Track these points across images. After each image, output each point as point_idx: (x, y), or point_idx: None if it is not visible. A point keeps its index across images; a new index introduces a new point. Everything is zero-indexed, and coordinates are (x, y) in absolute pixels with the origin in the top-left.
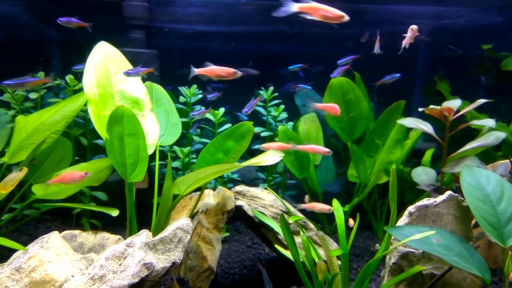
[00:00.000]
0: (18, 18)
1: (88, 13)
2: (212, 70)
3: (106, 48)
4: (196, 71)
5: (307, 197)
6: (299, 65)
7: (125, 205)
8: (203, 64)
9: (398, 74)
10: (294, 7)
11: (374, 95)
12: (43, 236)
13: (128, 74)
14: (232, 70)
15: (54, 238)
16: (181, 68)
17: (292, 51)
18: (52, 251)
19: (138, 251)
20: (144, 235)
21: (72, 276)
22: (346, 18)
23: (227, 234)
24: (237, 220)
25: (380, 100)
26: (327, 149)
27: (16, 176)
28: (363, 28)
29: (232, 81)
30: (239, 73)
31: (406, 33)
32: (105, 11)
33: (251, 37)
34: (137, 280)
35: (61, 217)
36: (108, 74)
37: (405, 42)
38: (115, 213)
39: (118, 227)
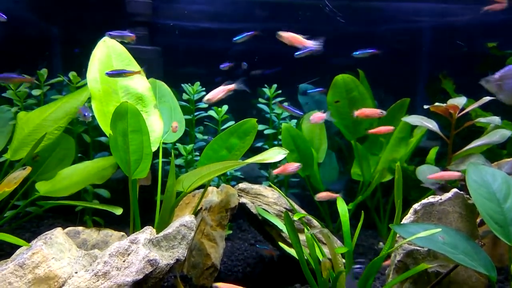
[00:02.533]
0: (20, 15)
1: (91, 9)
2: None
3: (110, 44)
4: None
5: None
6: (227, 64)
7: (129, 202)
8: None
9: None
10: None
11: (380, 92)
12: (46, 233)
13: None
14: None
15: (57, 235)
16: (184, 65)
17: (295, 48)
18: (55, 247)
19: (142, 248)
20: (148, 232)
21: (76, 272)
22: None
23: (230, 231)
24: (240, 218)
25: (384, 98)
26: None
27: (19, 175)
28: (367, 26)
29: (236, 78)
30: None
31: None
32: (109, 7)
33: (256, 35)
34: (141, 276)
35: (64, 214)
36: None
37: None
38: (118, 211)
39: (121, 224)
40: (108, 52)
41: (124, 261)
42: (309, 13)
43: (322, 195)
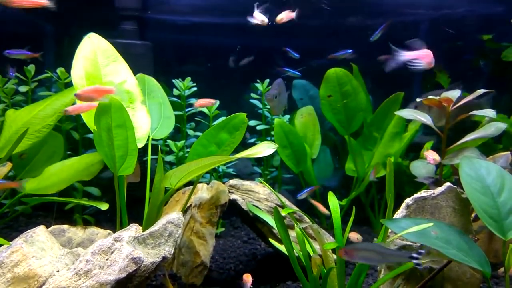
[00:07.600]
0: (9, 10)
1: (79, 3)
2: None
3: (95, 40)
4: None
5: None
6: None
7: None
8: None
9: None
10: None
11: (374, 86)
12: (28, 231)
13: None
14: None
15: (39, 233)
16: (174, 60)
17: (287, 44)
18: (36, 245)
19: (126, 246)
20: (133, 229)
21: (57, 271)
22: None
23: (223, 229)
24: (233, 215)
25: (378, 92)
26: None
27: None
28: (362, 19)
29: (228, 74)
30: None
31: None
32: (97, 1)
33: (247, 30)
34: (124, 275)
35: (53, 213)
36: (97, 66)
37: None
38: (104, 207)
39: (111, 222)
40: (93, 49)
41: (107, 259)
42: (306, 6)
43: None
